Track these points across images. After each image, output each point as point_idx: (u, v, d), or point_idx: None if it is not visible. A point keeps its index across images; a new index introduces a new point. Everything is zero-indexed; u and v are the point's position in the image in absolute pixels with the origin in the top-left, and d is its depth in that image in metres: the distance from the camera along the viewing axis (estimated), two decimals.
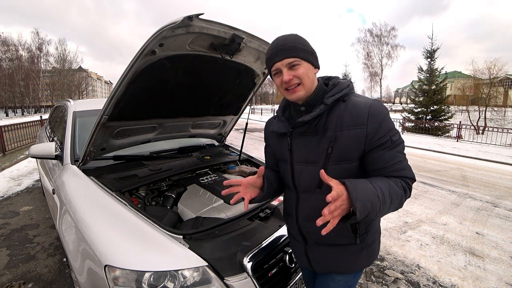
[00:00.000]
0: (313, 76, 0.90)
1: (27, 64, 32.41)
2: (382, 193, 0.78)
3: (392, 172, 0.86)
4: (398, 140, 0.86)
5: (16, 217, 3.25)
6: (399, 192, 0.82)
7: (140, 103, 1.67)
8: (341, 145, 0.86)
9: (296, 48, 0.86)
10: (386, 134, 0.84)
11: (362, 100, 0.87)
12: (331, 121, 0.88)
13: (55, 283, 2.07)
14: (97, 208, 1.35)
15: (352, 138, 0.85)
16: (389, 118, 0.86)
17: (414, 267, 2.38)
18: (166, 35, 1.23)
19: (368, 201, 0.74)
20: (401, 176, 0.86)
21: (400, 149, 0.87)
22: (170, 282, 1.00)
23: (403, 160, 0.87)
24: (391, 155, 0.85)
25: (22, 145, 7.91)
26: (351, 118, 0.85)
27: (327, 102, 0.87)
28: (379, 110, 0.85)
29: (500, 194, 4.32)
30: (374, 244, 1.00)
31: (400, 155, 0.87)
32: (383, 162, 0.86)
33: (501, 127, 11.48)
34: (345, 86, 0.90)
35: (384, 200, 0.78)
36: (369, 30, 35.71)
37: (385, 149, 0.85)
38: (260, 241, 1.22)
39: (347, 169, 0.88)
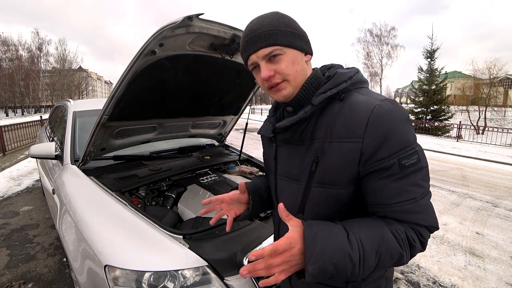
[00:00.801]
0: (302, 65, 0.67)
1: (27, 64, 32.40)
2: (361, 252, 0.53)
3: (398, 214, 0.58)
4: (413, 165, 0.57)
5: (16, 217, 3.25)
6: (396, 250, 0.56)
7: (140, 103, 1.67)
8: (327, 162, 0.62)
9: (274, 32, 0.63)
10: (393, 155, 0.56)
11: (364, 100, 0.61)
12: (320, 128, 0.65)
13: (55, 283, 2.07)
14: (97, 208, 1.35)
15: (342, 154, 0.60)
16: (404, 129, 0.58)
17: (414, 267, 2.38)
18: (166, 35, 1.23)
19: (331, 264, 0.52)
20: (412, 223, 0.58)
21: (415, 180, 0.58)
22: (170, 282, 1.00)
23: (420, 198, 0.58)
24: (398, 188, 0.57)
25: (22, 145, 7.91)
26: (345, 125, 0.60)
27: (314, 102, 0.64)
28: (387, 116, 0.57)
29: (500, 194, 4.32)
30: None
31: (415, 190, 0.57)
32: (385, 197, 0.59)
33: (501, 127, 11.48)
34: (344, 79, 0.65)
35: (361, 262, 0.53)
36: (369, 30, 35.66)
37: (390, 177, 0.58)
38: (260, 241, 1.22)
39: (335, 196, 0.63)
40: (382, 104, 0.59)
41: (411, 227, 0.59)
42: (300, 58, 0.66)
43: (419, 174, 0.58)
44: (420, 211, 0.58)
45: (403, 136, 0.57)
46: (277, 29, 0.63)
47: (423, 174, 0.59)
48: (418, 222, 0.59)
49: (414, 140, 0.59)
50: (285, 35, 0.63)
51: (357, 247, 0.54)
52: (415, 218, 0.58)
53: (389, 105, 0.59)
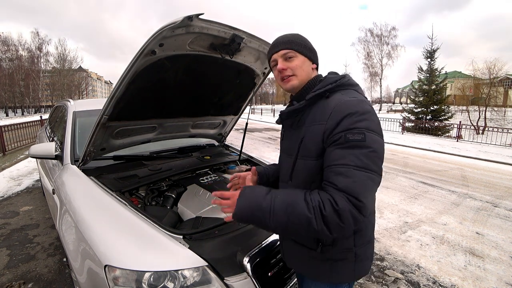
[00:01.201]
0: (308, 69, 0.92)
1: (27, 64, 32.42)
2: (272, 206, 0.74)
3: (331, 174, 0.74)
4: (357, 141, 0.73)
5: (16, 217, 3.25)
6: (302, 213, 0.71)
7: (140, 103, 1.67)
8: (306, 140, 0.85)
9: (292, 42, 0.90)
10: (342, 131, 0.74)
11: (340, 97, 0.81)
12: (308, 117, 0.87)
13: (55, 283, 2.07)
14: (97, 208, 1.35)
15: (313, 133, 0.82)
16: (360, 118, 0.75)
17: (414, 267, 2.38)
18: (166, 35, 1.23)
19: (247, 208, 0.78)
20: (333, 184, 0.72)
21: (357, 153, 0.72)
22: (170, 282, 1.00)
23: (354, 168, 0.71)
24: (338, 154, 0.74)
25: (22, 145, 7.91)
26: (320, 113, 0.82)
27: (306, 97, 0.87)
28: (347, 106, 0.77)
29: (500, 194, 4.32)
30: (344, 264, 0.88)
31: (352, 159, 0.71)
32: (329, 160, 0.76)
33: (501, 127, 11.49)
34: (330, 82, 0.86)
35: (271, 214, 0.74)
36: (369, 30, 35.67)
37: (337, 145, 0.75)
38: (260, 241, 1.22)
39: (308, 166, 0.85)
40: (348, 99, 0.79)
41: (329, 196, 0.71)
42: (308, 64, 0.92)
43: (361, 150, 0.72)
44: (348, 176, 0.71)
45: (354, 120, 0.74)
46: (294, 40, 0.91)
47: (366, 152, 0.72)
48: (337, 184, 0.71)
49: (367, 127, 0.74)
50: (299, 45, 0.90)
51: (269, 202, 0.76)
52: (338, 180, 0.71)
53: (353, 100, 0.79)
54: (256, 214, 0.77)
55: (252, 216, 0.78)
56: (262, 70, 1.97)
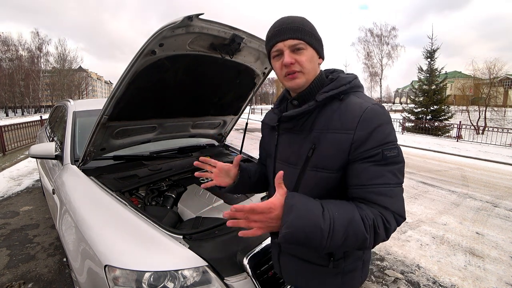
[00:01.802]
0: (316, 65, 0.79)
1: (27, 64, 32.42)
2: (331, 227, 0.61)
3: (372, 195, 0.67)
4: (394, 157, 0.68)
5: (16, 217, 3.25)
6: (361, 232, 0.63)
7: (140, 103, 1.67)
8: (322, 150, 0.74)
9: (303, 30, 0.75)
10: (378, 146, 0.68)
11: (359, 101, 0.73)
12: (319, 121, 0.76)
13: (55, 283, 2.07)
14: (97, 208, 1.35)
15: (335, 143, 0.71)
16: (389, 128, 0.70)
17: (414, 267, 2.38)
18: (166, 35, 1.23)
19: (302, 232, 0.60)
20: (382, 206, 0.67)
21: (393, 169, 0.68)
22: (170, 282, 1.00)
23: (393, 185, 0.68)
24: (377, 172, 0.68)
25: (22, 145, 7.91)
26: (340, 120, 0.72)
27: (318, 99, 0.76)
28: (376, 115, 0.69)
29: (500, 194, 4.32)
30: (354, 274, 0.84)
31: (391, 177, 0.68)
32: (365, 178, 0.68)
33: (501, 127, 11.49)
34: (344, 83, 0.77)
35: (330, 237, 0.61)
36: (369, 29, 35.69)
37: (373, 163, 0.68)
38: (260, 241, 1.22)
39: (325, 179, 0.74)
40: (373, 107, 0.71)
41: (379, 214, 0.66)
42: (316, 59, 0.79)
43: (396, 166, 0.69)
44: (391, 196, 0.67)
45: (387, 133, 0.69)
46: (305, 28, 0.76)
47: (400, 167, 0.70)
48: (387, 206, 0.66)
49: (395, 138, 0.71)
50: (310, 35, 0.76)
51: (329, 223, 0.62)
52: (385, 202, 0.67)
53: (378, 108, 0.71)
54: (311, 237, 0.61)
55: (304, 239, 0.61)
56: (262, 70, 1.97)
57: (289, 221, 0.61)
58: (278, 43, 0.76)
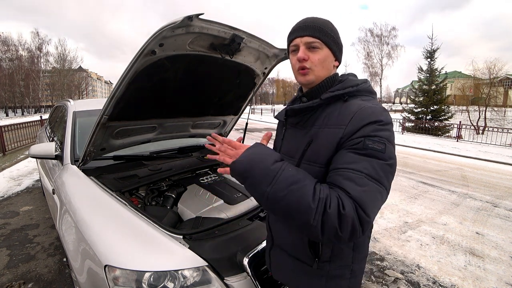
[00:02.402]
0: (330, 66, 0.81)
1: (27, 64, 32.41)
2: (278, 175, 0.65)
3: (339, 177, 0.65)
4: (376, 150, 0.65)
5: (16, 217, 3.25)
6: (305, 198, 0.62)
7: (140, 103, 1.67)
8: (316, 144, 0.76)
9: (322, 31, 0.77)
10: (362, 136, 0.67)
11: (361, 103, 0.74)
12: (321, 117, 0.79)
13: (55, 283, 2.07)
14: (97, 208, 1.35)
15: (327, 137, 0.73)
16: (383, 128, 0.68)
17: (414, 267, 2.38)
18: (166, 35, 1.23)
19: (249, 164, 0.68)
20: (343, 189, 0.63)
21: (372, 161, 0.65)
22: (170, 282, 1.00)
23: (366, 177, 0.64)
24: (352, 157, 0.66)
25: (22, 145, 7.91)
26: (337, 117, 0.74)
27: (322, 97, 0.78)
28: (371, 113, 0.69)
29: (500, 194, 4.32)
30: (341, 281, 0.82)
31: (367, 167, 0.64)
32: (339, 162, 0.68)
33: (501, 127, 11.49)
34: (351, 85, 0.78)
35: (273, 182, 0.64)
36: (369, 30, 35.69)
37: (351, 149, 0.67)
38: (260, 241, 1.22)
39: (315, 174, 0.72)
40: (372, 106, 0.71)
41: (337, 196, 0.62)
42: (331, 60, 0.81)
43: (377, 161, 0.65)
44: (359, 185, 0.63)
45: (377, 128, 0.67)
46: (324, 29, 0.78)
47: (381, 164, 0.65)
48: (348, 190, 0.62)
49: (388, 138, 0.68)
50: (328, 36, 0.79)
51: (278, 168, 0.67)
52: (349, 186, 0.63)
53: (377, 108, 0.71)
54: (257, 172, 0.67)
55: (250, 171, 0.68)
56: (262, 70, 1.97)
57: (245, 153, 0.72)
58: (297, 38, 0.79)
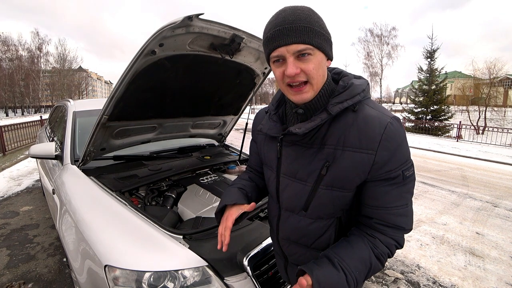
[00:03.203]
0: (324, 70, 0.67)
1: (27, 64, 32.40)
2: (355, 281, 0.65)
3: (392, 217, 0.68)
4: (411, 176, 0.68)
5: (16, 217, 3.25)
6: (378, 269, 0.69)
7: (140, 103, 1.67)
8: (339, 168, 0.67)
9: (310, 31, 0.60)
10: (399, 167, 0.65)
11: (376, 115, 0.65)
12: (332, 134, 0.68)
13: (55, 283, 2.07)
14: (97, 208, 1.35)
15: (355, 163, 0.65)
16: (406, 145, 0.67)
17: (414, 267, 2.38)
18: (166, 35, 1.23)
19: None
20: (398, 226, 0.69)
21: (409, 188, 0.69)
22: (170, 282, 1.00)
23: (410, 204, 0.69)
24: (398, 195, 0.67)
25: (22, 145, 7.91)
26: (359, 137, 0.64)
27: (331, 111, 0.65)
28: (397, 134, 0.64)
29: (500, 194, 4.32)
30: None
31: (408, 197, 0.69)
32: (387, 201, 0.67)
33: (501, 127, 11.49)
34: (359, 91, 0.67)
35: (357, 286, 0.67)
36: (369, 29, 35.69)
37: (394, 185, 0.66)
38: (260, 241, 1.22)
39: (340, 198, 0.70)
40: (392, 122, 0.65)
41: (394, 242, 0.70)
42: (324, 63, 0.66)
43: (412, 184, 0.69)
44: (408, 216, 0.69)
45: (406, 151, 0.67)
46: (313, 27, 0.61)
47: (414, 184, 0.70)
48: (403, 226, 0.69)
49: (410, 154, 0.69)
50: (319, 36, 0.62)
51: (353, 284, 0.64)
52: (403, 222, 0.69)
53: (397, 123, 0.66)
54: None
55: None
56: (262, 70, 1.97)
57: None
58: (280, 47, 0.61)
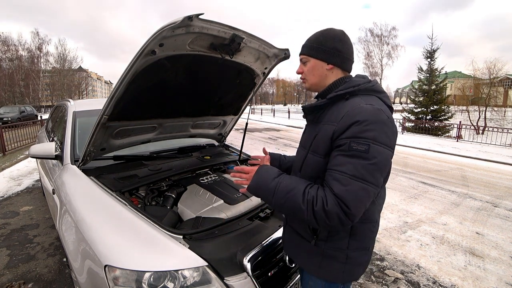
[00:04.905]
0: (321, 72, 0.95)
1: (27, 64, 32.39)
2: (276, 188, 0.87)
3: (329, 178, 0.80)
4: (360, 152, 0.75)
5: (16, 217, 3.25)
6: (297, 202, 0.81)
7: (140, 103, 1.67)
8: (318, 137, 0.90)
9: (309, 47, 0.96)
10: (348, 138, 0.77)
11: (356, 102, 0.83)
12: (326, 115, 0.91)
13: (55, 283, 2.07)
14: (97, 208, 1.35)
15: (325, 132, 0.87)
16: (370, 127, 0.76)
17: (414, 267, 2.38)
18: (166, 35, 1.23)
19: (257, 185, 0.93)
20: (330, 188, 0.78)
21: (356, 163, 0.75)
22: (170, 282, 1.00)
23: (349, 177, 0.75)
24: (340, 160, 0.78)
25: (22, 145, 7.91)
26: (335, 114, 0.86)
27: (327, 96, 0.91)
28: (359, 113, 0.78)
29: (500, 194, 4.32)
30: (335, 262, 0.92)
31: (350, 169, 0.75)
32: (332, 164, 0.81)
33: (501, 127, 11.49)
34: (352, 85, 0.88)
35: (274, 194, 0.87)
36: (369, 29, 35.71)
37: (340, 152, 0.79)
38: (260, 241, 1.22)
39: (317, 162, 0.89)
40: (363, 106, 0.80)
41: (324, 194, 0.78)
42: (320, 66, 0.95)
43: (361, 161, 0.75)
44: (341, 183, 0.76)
45: (362, 129, 0.76)
46: (311, 45, 0.95)
47: (365, 164, 0.75)
48: (332, 188, 0.77)
49: (374, 138, 0.76)
50: (313, 49, 0.95)
51: (275, 184, 0.88)
52: (333, 185, 0.77)
53: (368, 107, 0.79)
54: (263, 191, 0.91)
55: (260, 192, 0.92)
56: (262, 70, 1.97)
57: (254, 177, 0.95)
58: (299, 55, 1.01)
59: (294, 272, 1.32)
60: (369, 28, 35.64)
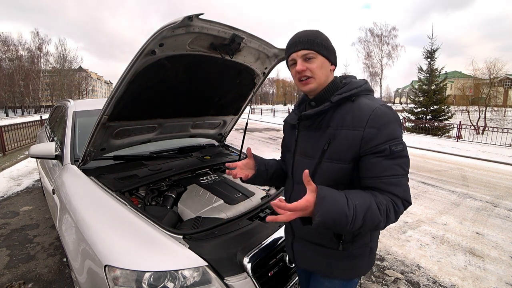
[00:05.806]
0: (327, 71, 0.91)
1: (27, 64, 32.40)
2: (354, 213, 0.73)
3: (384, 185, 0.80)
4: (400, 152, 0.80)
5: (16, 217, 3.25)
6: (376, 216, 0.76)
7: (140, 103, 1.67)
8: (337, 144, 0.85)
9: (313, 42, 0.87)
10: (386, 142, 0.79)
11: (369, 103, 0.84)
12: (334, 119, 0.88)
13: (55, 283, 2.07)
14: (97, 208, 1.35)
15: (347, 138, 0.83)
16: (396, 126, 0.81)
17: (414, 267, 2.38)
18: (166, 35, 1.23)
19: (332, 219, 0.72)
20: (392, 193, 0.79)
21: (400, 162, 0.80)
22: (170, 282, 1.00)
23: (401, 176, 0.80)
24: (387, 165, 0.79)
25: (22, 145, 7.91)
26: (352, 119, 0.83)
27: (332, 100, 0.87)
28: (383, 114, 0.80)
29: (500, 194, 4.32)
30: (362, 259, 0.94)
31: (399, 169, 0.80)
32: (378, 171, 0.80)
33: (501, 127, 11.49)
34: (355, 86, 0.88)
35: (352, 221, 0.73)
36: (370, 29, 35.71)
37: (383, 157, 0.79)
38: (260, 241, 1.22)
39: (340, 169, 0.85)
40: (380, 107, 0.82)
41: (391, 200, 0.79)
42: (326, 65, 0.90)
43: (402, 159, 0.80)
44: (400, 186, 0.80)
45: (393, 130, 0.80)
46: (316, 40, 0.88)
47: (405, 161, 0.81)
48: (396, 194, 0.79)
49: (401, 135, 0.82)
50: (320, 46, 0.88)
51: (353, 211, 0.74)
52: (395, 190, 0.79)
53: (385, 108, 0.83)
54: (338, 222, 0.73)
55: (333, 224, 0.74)
56: (262, 70, 1.97)
57: (321, 211, 0.72)
58: (293, 53, 0.90)
59: (294, 272, 1.32)
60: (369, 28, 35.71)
